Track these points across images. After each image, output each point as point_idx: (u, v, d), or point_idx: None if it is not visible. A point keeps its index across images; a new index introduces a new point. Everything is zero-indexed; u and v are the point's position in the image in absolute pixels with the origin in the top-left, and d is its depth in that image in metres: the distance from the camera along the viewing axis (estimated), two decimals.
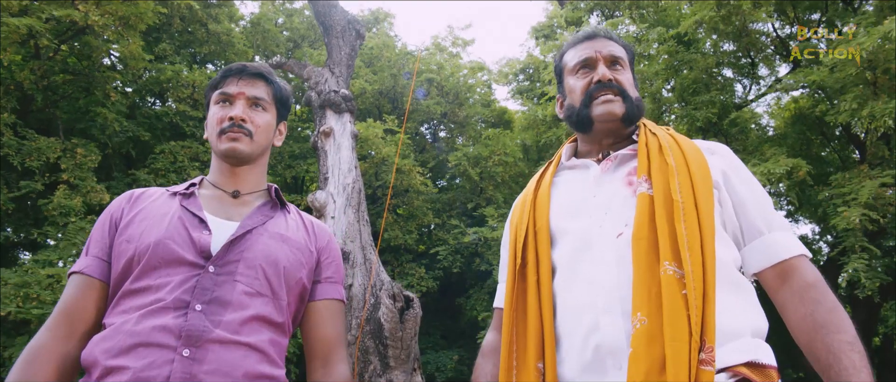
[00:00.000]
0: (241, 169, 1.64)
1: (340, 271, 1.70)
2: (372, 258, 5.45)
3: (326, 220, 5.65)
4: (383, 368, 4.93)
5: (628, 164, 1.51)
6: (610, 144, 1.59)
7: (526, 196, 1.64)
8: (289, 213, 1.68)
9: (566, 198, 1.53)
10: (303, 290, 1.58)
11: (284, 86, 1.73)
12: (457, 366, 10.07)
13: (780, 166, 7.61)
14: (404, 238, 9.12)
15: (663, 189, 1.37)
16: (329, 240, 1.70)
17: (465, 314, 10.56)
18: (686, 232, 1.30)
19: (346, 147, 6.07)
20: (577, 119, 1.60)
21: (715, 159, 1.47)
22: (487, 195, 9.61)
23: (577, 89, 1.60)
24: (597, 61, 1.60)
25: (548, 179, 1.62)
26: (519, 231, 1.56)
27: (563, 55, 1.72)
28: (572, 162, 1.63)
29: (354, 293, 5.23)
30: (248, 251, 1.48)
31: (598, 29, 1.69)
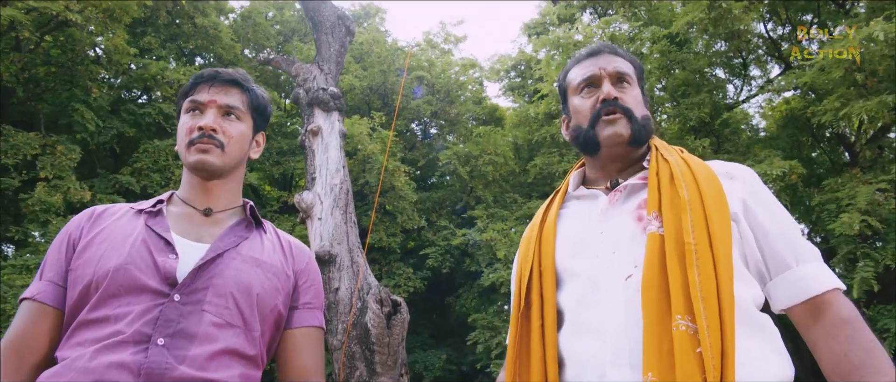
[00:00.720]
0: (212, 183, 1.51)
1: (320, 296, 1.58)
2: (359, 261, 5.34)
3: (313, 221, 5.53)
4: (370, 374, 4.82)
5: (638, 196, 1.40)
6: (619, 170, 1.49)
7: (531, 231, 1.54)
8: (265, 233, 1.55)
9: (572, 234, 1.43)
10: (278, 318, 1.46)
11: (261, 94, 1.60)
12: (445, 366, 9.98)
13: (775, 168, 7.56)
14: (389, 240, 9.00)
15: (675, 228, 1.26)
16: (308, 263, 1.58)
17: (453, 313, 10.48)
18: (700, 280, 1.18)
19: (334, 146, 5.94)
20: (583, 141, 1.50)
21: (734, 186, 1.35)
22: (477, 194, 9.50)
23: (583, 109, 1.49)
24: (602, 78, 1.50)
25: (554, 211, 1.52)
26: (523, 269, 1.46)
27: (566, 73, 1.62)
28: (580, 191, 1.53)
29: (341, 296, 5.12)
30: (219, 277, 1.36)
31: (602, 44, 1.58)
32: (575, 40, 9.81)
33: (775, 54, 9.87)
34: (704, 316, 1.14)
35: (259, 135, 1.63)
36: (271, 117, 6.90)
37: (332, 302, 5.10)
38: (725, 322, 1.14)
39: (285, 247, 1.56)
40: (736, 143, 9.51)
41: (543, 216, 1.53)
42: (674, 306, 1.17)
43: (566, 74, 1.61)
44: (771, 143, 9.49)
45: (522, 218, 9.32)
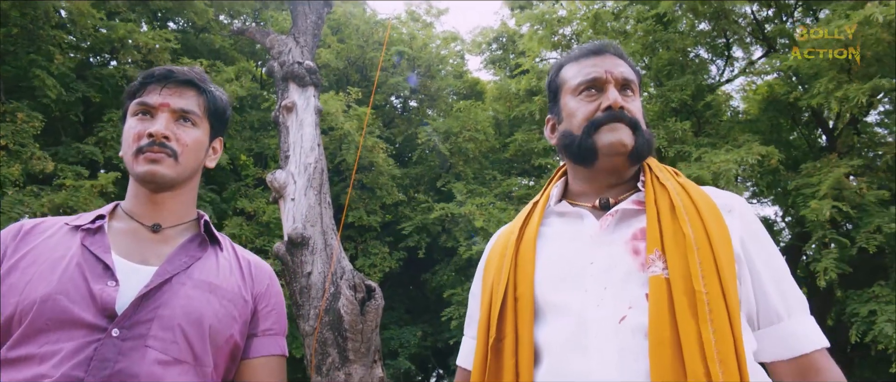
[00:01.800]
0: (163, 196, 1.34)
1: (282, 320, 1.42)
2: (333, 244, 5.18)
3: (286, 202, 5.35)
4: (342, 361, 4.71)
5: (632, 223, 1.25)
6: (610, 186, 1.33)
7: (505, 247, 1.35)
8: (221, 251, 1.38)
9: (556, 259, 1.27)
10: (234, 349, 1.30)
11: (220, 96, 1.42)
12: (420, 342, 9.94)
13: (753, 154, 7.52)
14: (368, 218, 8.84)
15: (682, 272, 1.12)
16: (269, 284, 1.42)
17: (430, 289, 10.41)
18: (715, 338, 1.06)
19: (310, 123, 5.73)
20: (576, 149, 1.32)
21: (732, 220, 1.23)
22: (457, 171, 9.36)
23: (580, 114, 1.32)
24: (607, 83, 1.32)
25: (533, 227, 1.34)
26: (495, 293, 1.29)
27: (560, 69, 1.44)
28: (563, 207, 1.36)
29: (314, 281, 4.97)
30: (165, 307, 1.20)
31: (606, 43, 1.40)
32: (559, 16, 9.62)
33: (759, 36, 9.79)
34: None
35: (216, 141, 1.46)
36: (245, 90, 6.51)
37: (305, 286, 4.95)
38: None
39: (244, 267, 1.40)
40: (716, 126, 9.47)
41: (520, 232, 1.35)
42: (689, 369, 1.03)
43: (560, 70, 1.43)
44: (750, 126, 9.46)
45: (501, 194, 9.22)
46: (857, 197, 7.22)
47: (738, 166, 7.48)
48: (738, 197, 1.31)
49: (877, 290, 7.26)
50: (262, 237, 9.02)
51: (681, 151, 8.54)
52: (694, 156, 8.13)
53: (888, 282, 7.41)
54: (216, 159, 1.49)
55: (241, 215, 9.08)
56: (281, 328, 1.41)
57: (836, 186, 7.07)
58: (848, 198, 7.19)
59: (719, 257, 1.13)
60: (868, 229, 7.08)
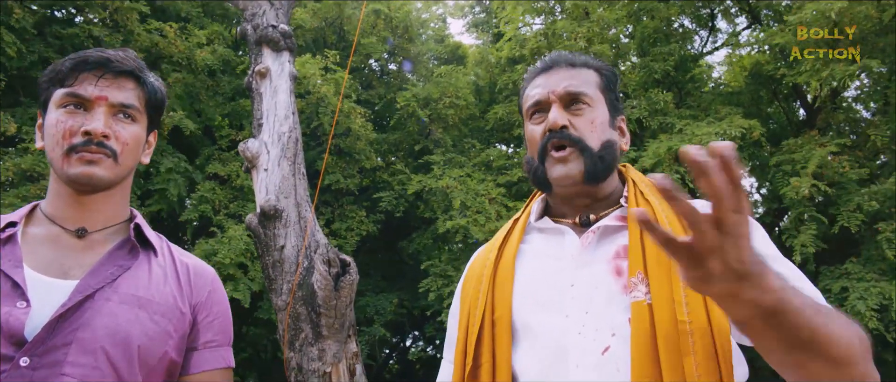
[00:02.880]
0: (93, 198, 1.19)
1: (227, 329, 1.28)
2: (307, 216, 5.03)
3: (259, 172, 5.17)
4: (315, 337, 4.62)
5: (614, 240, 1.17)
6: (586, 206, 1.25)
7: (484, 266, 1.28)
8: (155, 257, 1.23)
9: (535, 280, 1.19)
10: (171, 366, 1.17)
11: (159, 87, 1.27)
12: (397, 310, 9.91)
13: (735, 127, 7.48)
14: (345, 182, 8.67)
15: (665, 297, 1.05)
16: (211, 291, 1.28)
17: (406, 257, 10.34)
18: (698, 372, 0.99)
19: (284, 90, 5.51)
20: (534, 179, 1.27)
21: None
22: (436, 138, 9.20)
23: (534, 139, 1.26)
24: (549, 103, 1.24)
25: (513, 245, 1.27)
26: (472, 316, 1.21)
27: (523, 91, 1.35)
28: (544, 223, 1.28)
29: (287, 255, 4.83)
30: (86, 328, 1.05)
31: (558, 56, 1.31)
32: None
33: (745, 8, 9.67)
34: None
35: (152, 135, 1.31)
36: (218, 57, 6.16)
37: (278, 260, 4.81)
38: None
39: (181, 274, 1.25)
40: (698, 98, 9.40)
41: (499, 251, 1.28)
42: None
43: (523, 92, 1.35)
44: (732, 99, 9.41)
45: (479, 165, 9.10)
46: (836, 175, 7.24)
47: (720, 139, 7.43)
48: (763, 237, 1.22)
49: (849, 267, 7.35)
50: (235, 201, 8.83)
51: (663, 123, 8.47)
52: (676, 128, 8.07)
53: (860, 259, 7.50)
54: (150, 154, 1.33)
55: (215, 179, 8.86)
56: (225, 338, 1.28)
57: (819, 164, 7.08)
58: (826, 176, 7.21)
59: None
60: (848, 207, 7.11)
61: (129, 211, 1.28)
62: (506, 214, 8.08)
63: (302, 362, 4.61)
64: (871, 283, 6.93)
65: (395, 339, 15.16)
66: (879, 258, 7.19)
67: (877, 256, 7.28)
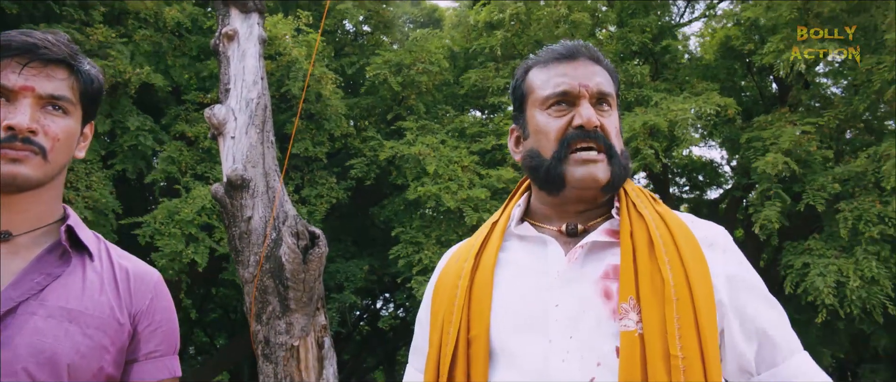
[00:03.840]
0: (18, 198, 1.08)
1: (171, 337, 1.20)
2: (275, 186, 4.93)
3: (225, 140, 5.02)
4: (283, 310, 4.57)
5: (603, 256, 1.11)
6: (578, 212, 1.18)
7: (458, 276, 1.19)
8: (90, 261, 1.13)
9: (516, 297, 1.12)
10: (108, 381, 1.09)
11: (95, 74, 1.15)
12: (367, 276, 9.89)
13: (711, 104, 7.51)
14: (314, 150, 8.52)
15: (658, 328, 0.99)
16: (153, 297, 1.19)
17: (378, 222, 10.29)
18: None
19: (252, 54, 5.33)
20: (544, 176, 1.16)
21: (714, 256, 1.10)
22: (409, 104, 9.06)
23: (549, 132, 1.15)
24: (580, 97, 1.14)
25: (491, 253, 1.18)
26: (445, 333, 1.14)
27: (527, 72, 1.24)
28: (524, 229, 1.20)
29: (254, 226, 4.73)
30: (6, 347, 0.97)
31: (581, 45, 1.20)
32: None
33: None
34: None
35: (87, 127, 1.19)
36: (187, 15, 5.84)
37: (245, 231, 4.72)
38: None
39: (120, 279, 1.15)
40: (675, 71, 9.39)
41: (476, 260, 1.18)
42: None
43: (526, 74, 1.23)
44: (708, 72, 9.43)
45: (453, 131, 9.01)
46: (804, 153, 7.34)
47: (696, 116, 7.47)
48: (720, 230, 1.17)
49: (812, 244, 7.51)
50: (203, 163, 8.64)
51: (639, 95, 8.46)
52: (652, 101, 8.07)
53: (822, 236, 7.67)
54: (85, 148, 1.21)
55: (181, 139, 8.64)
56: (169, 347, 1.20)
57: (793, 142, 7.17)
58: (794, 154, 7.31)
59: (700, 310, 1.01)
60: (813, 186, 7.23)
61: (61, 209, 1.17)
62: (478, 182, 8.05)
63: (269, 335, 4.57)
64: (830, 260, 7.11)
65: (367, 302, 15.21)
66: (838, 235, 7.37)
67: (837, 233, 7.46)
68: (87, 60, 1.15)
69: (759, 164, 7.21)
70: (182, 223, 7.58)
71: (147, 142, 8.11)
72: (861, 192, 7.20)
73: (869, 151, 7.16)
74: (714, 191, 15.85)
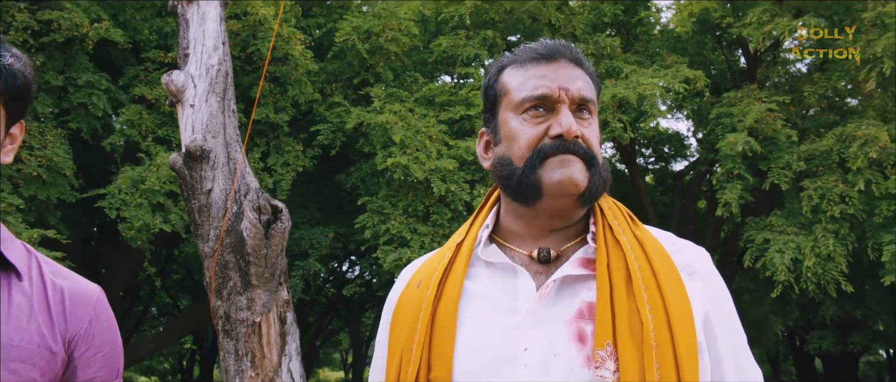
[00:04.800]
0: None
1: (113, 362, 1.11)
2: (237, 157, 4.77)
3: (184, 108, 4.83)
4: (244, 286, 4.47)
5: (578, 291, 1.03)
6: (552, 230, 1.09)
7: (419, 308, 1.09)
8: (19, 282, 1.03)
9: (482, 335, 1.04)
10: None
11: (19, 69, 1.02)
12: (332, 243, 9.79)
13: (679, 79, 7.50)
14: (277, 116, 8.29)
15: (637, 379, 0.93)
16: (93, 319, 1.09)
17: (344, 189, 10.15)
18: None
19: (213, 17, 5.09)
20: (516, 185, 1.07)
21: (693, 286, 1.03)
22: (376, 71, 8.86)
23: (523, 139, 1.06)
24: (559, 102, 1.05)
25: (456, 282, 1.08)
26: (404, 371, 1.05)
27: (500, 71, 1.14)
28: (492, 253, 1.11)
29: (214, 199, 4.59)
30: None
31: (561, 45, 1.10)
32: None
33: None
34: None
35: (15, 127, 1.07)
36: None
37: (204, 205, 4.57)
38: None
39: (53, 302, 1.05)
40: (646, 43, 9.35)
41: (439, 287, 1.09)
42: None
43: (500, 73, 1.13)
44: (678, 46, 9.41)
45: (422, 99, 8.86)
46: (771, 130, 7.41)
47: (665, 91, 7.46)
48: (699, 254, 1.11)
49: (773, 220, 7.65)
50: (165, 127, 8.35)
51: (609, 68, 8.41)
52: (623, 74, 8.02)
53: (783, 212, 7.81)
54: (13, 152, 1.09)
55: (141, 102, 8.32)
56: (110, 372, 1.11)
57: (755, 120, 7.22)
58: (760, 132, 7.38)
59: (681, 357, 0.94)
60: (779, 164, 7.33)
61: None
62: (446, 153, 7.96)
63: (230, 311, 4.48)
64: (790, 237, 7.26)
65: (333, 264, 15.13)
66: (800, 212, 7.52)
67: (798, 210, 7.60)
68: (10, 52, 1.03)
69: (722, 145, 7.27)
70: (148, 192, 7.37)
71: (99, 102, 7.79)
72: (824, 171, 7.32)
73: (836, 132, 7.25)
74: (679, 162, 16.05)
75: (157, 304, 24.00)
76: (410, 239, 7.61)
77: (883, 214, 6.96)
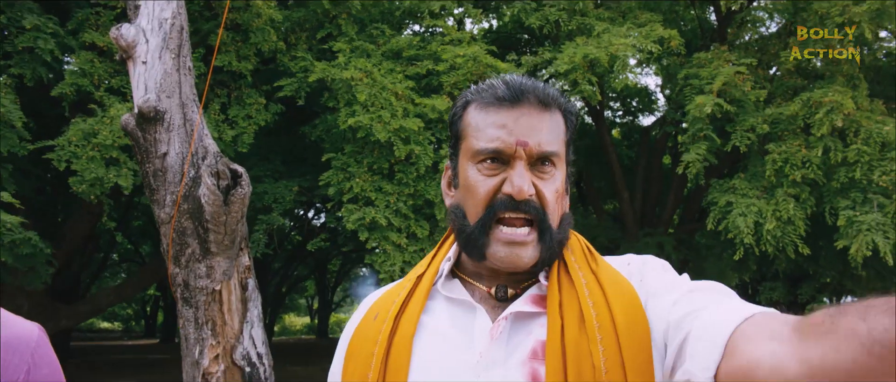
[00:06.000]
0: None
1: None
2: (194, 118, 4.55)
3: (136, 65, 4.56)
4: (203, 253, 4.33)
5: (531, 330, 0.99)
6: (509, 274, 1.05)
7: (376, 336, 1.05)
8: None
9: (434, 373, 1.00)
10: None
11: None
12: (296, 198, 9.63)
13: (653, 38, 7.41)
14: (239, 65, 7.97)
15: None
16: (31, 366, 1.01)
17: (308, 141, 9.94)
18: None
19: None
20: (465, 241, 1.04)
21: (656, 305, 0.96)
22: (339, 23, 8.54)
23: (477, 192, 1.01)
24: (515, 158, 0.99)
25: (412, 318, 1.05)
26: None
27: (465, 107, 1.07)
28: (452, 289, 1.07)
29: (170, 163, 4.39)
30: None
31: (528, 86, 1.02)
32: None
33: None
34: None
35: None
36: None
37: (159, 169, 4.37)
38: None
39: None
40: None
41: (394, 324, 1.05)
42: None
43: (465, 109, 1.07)
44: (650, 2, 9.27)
45: (388, 53, 8.62)
46: (739, 92, 7.41)
47: (636, 51, 7.37)
48: (662, 269, 1.04)
49: (736, 183, 7.74)
50: (118, 76, 7.97)
51: (581, 24, 8.26)
52: (595, 32, 7.89)
53: (747, 175, 7.90)
54: None
55: (92, 50, 7.90)
56: None
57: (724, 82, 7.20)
58: (728, 94, 7.37)
59: None
60: (744, 127, 7.36)
61: None
62: (412, 110, 7.79)
63: (188, 279, 4.35)
64: (752, 200, 7.36)
65: (298, 211, 14.99)
66: (763, 175, 7.61)
67: (761, 173, 7.70)
68: None
69: (690, 107, 7.26)
70: (101, 146, 7.06)
71: (47, 46, 7.37)
72: (789, 135, 7.39)
73: (803, 97, 7.28)
74: (647, 117, 16.12)
75: (118, 252, 23.63)
76: (375, 198, 7.51)
77: (840, 180, 7.09)
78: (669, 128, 9.76)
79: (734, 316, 0.84)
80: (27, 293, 9.59)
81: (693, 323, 0.88)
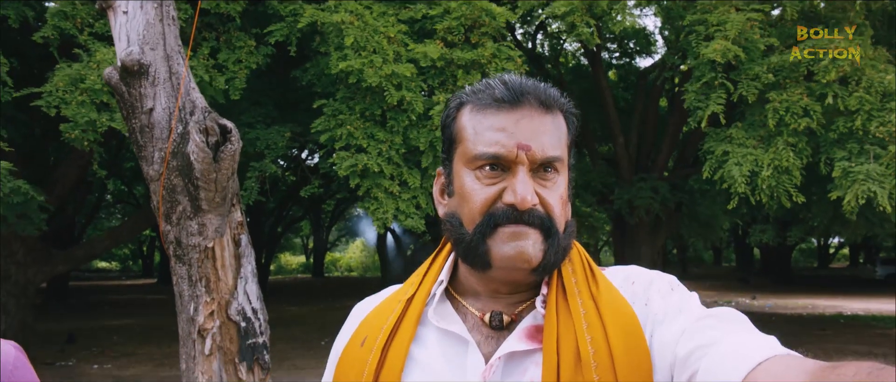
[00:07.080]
0: None
1: None
2: (180, 71, 4.41)
3: (116, 15, 4.37)
4: (194, 210, 4.27)
5: (526, 367, 0.94)
6: (508, 292, 1.00)
7: (363, 365, 1.00)
8: None
9: None
10: None
11: None
12: (288, 143, 9.53)
13: None
14: (227, 7, 7.71)
15: None
16: (12, 372, 0.97)
17: (300, 86, 9.75)
18: None
19: None
20: (465, 251, 0.96)
21: (662, 334, 0.91)
22: None
23: (475, 201, 0.94)
24: (517, 164, 0.92)
25: (402, 347, 1.00)
26: None
27: (459, 109, 0.99)
28: (444, 314, 1.01)
29: (156, 119, 4.27)
30: None
31: (528, 87, 0.94)
32: None
33: None
34: None
35: None
36: None
37: (146, 125, 4.25)
38: None
39: None
40: None
41: (382, 355, 1.00)
42: None
43: (459, 111, 0.99)
44: None
45: None
46: (747, 42, 7.23)
47: None
48: (669, 290, 0.98)
49: (733, 132, 7.65)
50: (102, 20, 7.72)
51: None
52: None
53: (744, 124, 7.81)
54: None
55: None
56: None
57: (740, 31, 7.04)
58: (737, 42, 7.18)
59: None
60: (748, 75, 7.21)
61: None
62: (405, 55, 7.60)
63: (180, 236, 4.31)
64: (749, 150, 7.30)
65: (292, 151, 14.90)
66: (761, 124, 7.52)
67: (759, 122, 7.61)
68: None
69: (706, 51, 7.03)
70: (89, 91, 6.89)
71: None
72: (791, 84, 7.25)
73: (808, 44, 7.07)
74: (644, 58, 15.83)
75: (112, 193, 23.57)
76: (367, 144, 7.41)
77: (839, 130, 7.01)
78: (668, 73, 9.58)
79: (745, 362, 0.79)
80: (22, 239, 9.58)
81: (700, 362, 0.84)
